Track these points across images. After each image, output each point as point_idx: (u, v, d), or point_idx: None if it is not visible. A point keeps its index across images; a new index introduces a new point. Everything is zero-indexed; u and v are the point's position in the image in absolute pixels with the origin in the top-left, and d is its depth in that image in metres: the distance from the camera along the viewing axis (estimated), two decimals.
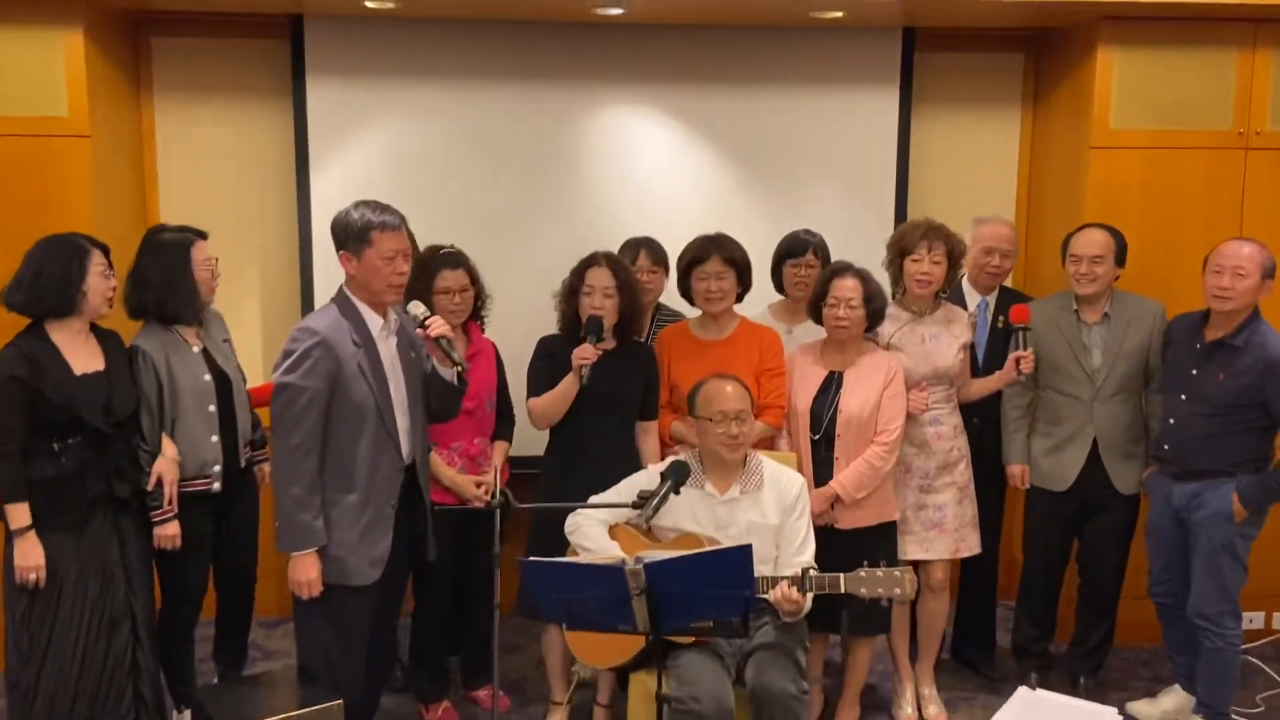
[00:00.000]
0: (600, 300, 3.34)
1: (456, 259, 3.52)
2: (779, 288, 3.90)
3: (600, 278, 3.36)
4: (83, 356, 3.03)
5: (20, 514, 2.92)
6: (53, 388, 2.93)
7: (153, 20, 4.34)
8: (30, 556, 2.93)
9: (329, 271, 3.92)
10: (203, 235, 3.38)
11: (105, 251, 3.10)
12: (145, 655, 3.14)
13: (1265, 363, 3.30)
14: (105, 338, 3.15)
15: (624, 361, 3.42)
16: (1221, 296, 3.36)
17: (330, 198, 4.13)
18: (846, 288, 3.37)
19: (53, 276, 2.97)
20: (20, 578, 2.93)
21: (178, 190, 4.44)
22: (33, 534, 2.93)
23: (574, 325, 3.42)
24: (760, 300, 3.94)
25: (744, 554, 2.42)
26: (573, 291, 3.41)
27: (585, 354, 3.26)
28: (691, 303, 3.63)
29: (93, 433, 2.99)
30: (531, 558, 2.54)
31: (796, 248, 3.82)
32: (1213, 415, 3.40)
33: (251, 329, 4.50)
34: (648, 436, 3.53)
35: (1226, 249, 3.40)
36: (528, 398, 3.45)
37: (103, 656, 3.04)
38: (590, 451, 3.38)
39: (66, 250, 3.02)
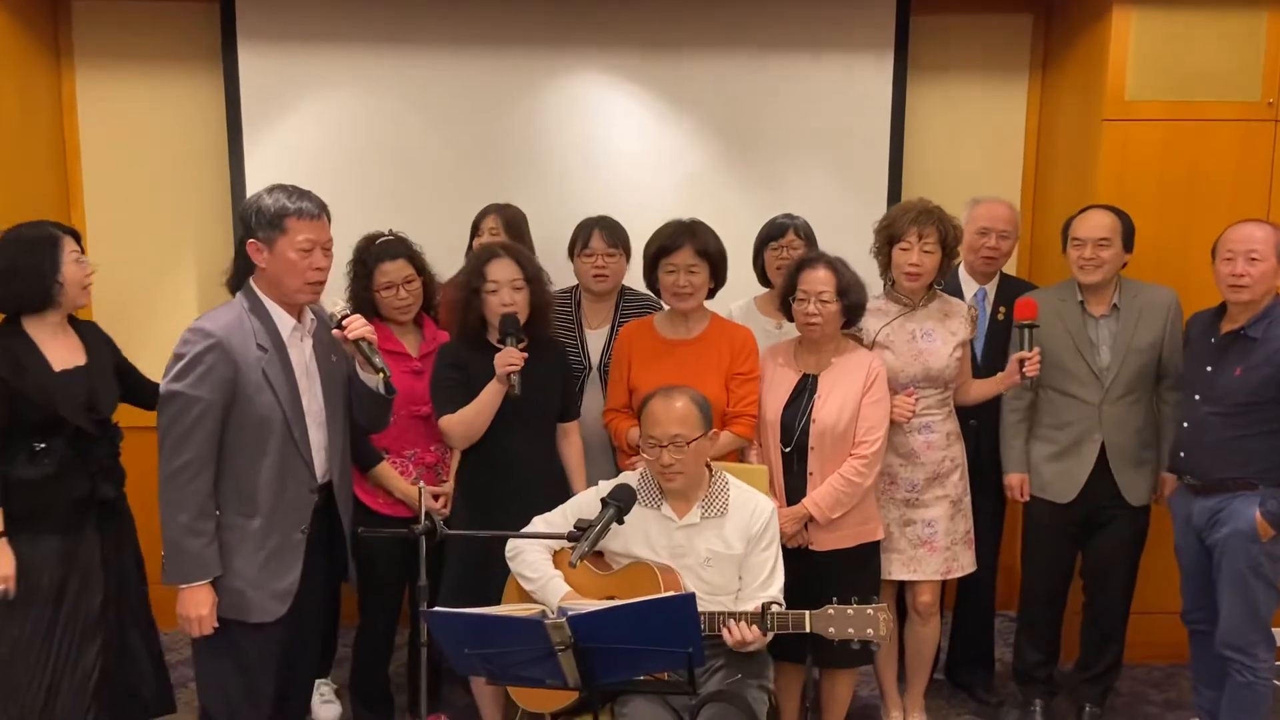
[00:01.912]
0: (509, 295, 2.98)
1: (395, 248, 3.20)
2: (761, 277, 3.59)
3: (504, 270, 3.00)
4: (61, 352, 2.92)
5: None
6: (32, 386, 2.83)
7: None
8: (2, 565, 2.81)
9: None
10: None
11: (76, 237, 2.99)
12: (139, 648, 3.05)
13: None
14: (84, 330, 3.03)
15: (537, 360, 3.04)
16: (1237, 285, 3.07)
17: (266, 174, 3.86)
18: (817, 280, 3.01)
19: (27, 270, 2.86)
20: None
21: (102, 165, 4.16)
22: (4, 541, 2.82)
23: (477, 330, 3.07)
24: (745, 291, 3.63)
25: (687, 603, 2.07)
26: (474, 291, 3.03)
27: (512, 359, 2.90)
28: (658, 295, 3.27)
29: (74, 432, 2.88)
30: (437, 608, 2.18)
31: (776, 230, 3.54)
32: (1229, 415, 3.09)
33: (187, 317, 4.16)
34: (569, 439, 3.20)
35: (1237, 233, 3.11)
36: (438, 416, 3.09)
37: (75, 662, 2.92)
38: (513, 463, 3.04)
39: (37, 241, 2.90)
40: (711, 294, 3.26)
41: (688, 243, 3.13)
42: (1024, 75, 4.35)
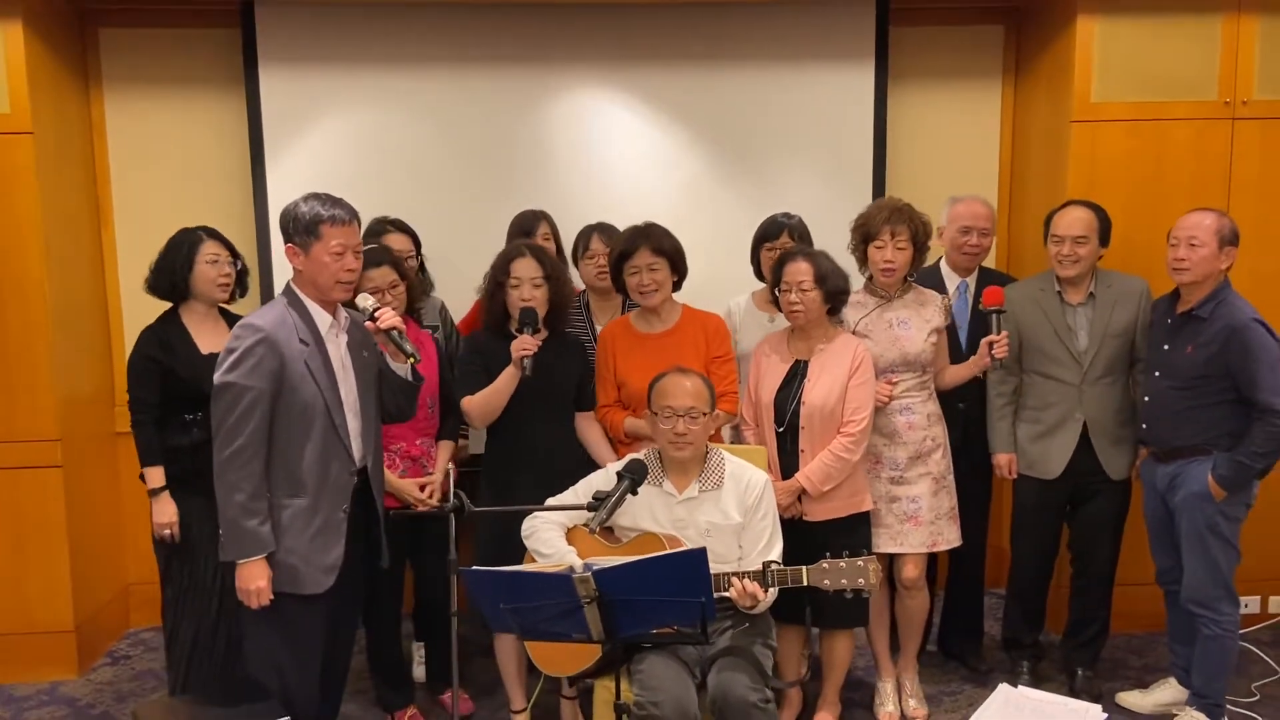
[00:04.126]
0: (529, 291, 3.24)
1: (379, 256, 3.41)
2: (759, 274, 3.79)
3: (527, 269, 3.26)
4: (210, 338, 3.28)
5: (155, 476, 3.25)
6: (182, 365, 3.22)
7: (99, 10, 4.23)
8: (164, 514, 3.24)
9: (289, 267, 3.83)
10: (388, 228, 3.80)
11: (222, 240, 3.36)
12: None
13: (1229, 330, 3.24)
14: (232, 321, 3.36)
15: (557, 353, 3.31)
16: (1177, 269, 3.33)
17: (288, 190, 4.02)
18: (796, 271, 3.26)
19: (166, 265, 3.31)
20: (156, 533, 3.26)
21: (131, 186, 4.35)
22: (166, 494, 3.25)
23: (500, 321, 3.31)
24: (745, 287, 3.84)
25: (698, 558, 2.29)
26: (498, 285, 3.29)
27: (525, 345, 3.15)
28: (627, 297, 3.50)
29: None
30: (475, 567, 2.40)
31: (773, 230, 3.74)
32: (1183, 389, 3.33)
33: None
34: (589, 426, 3.43)
35: (1184, 220, 3.36)
36: (459, 398, 3.33)
37: (236, 604, 3.20)
38: (531, 448, 3.28)
39: (180, 241, 3.33)
40: (677, 286, 3.46)
41: (644, 244, 3.35)
42: (997, 81, 4.57)
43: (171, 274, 3.30)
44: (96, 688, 3.96)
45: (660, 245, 3.36)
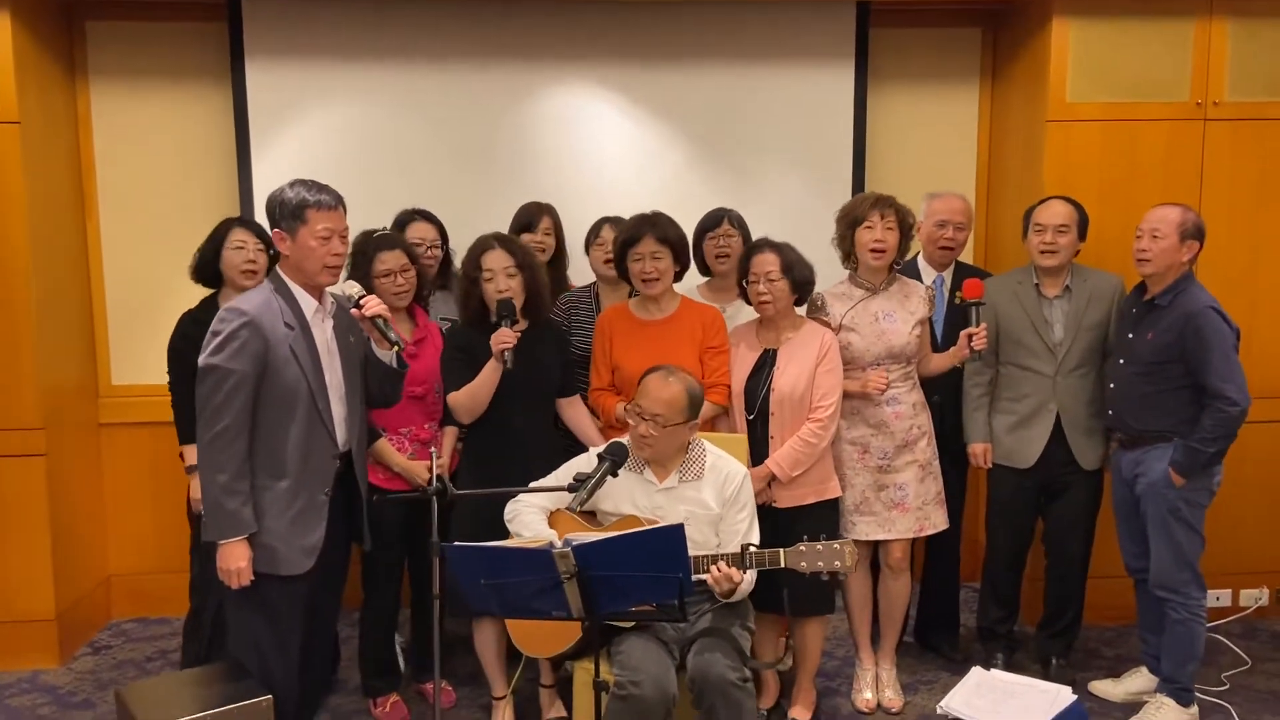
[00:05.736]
0: (504, 282, 3.27)
1: (392, 240, 3.45)
2: (702, 267, 3.84)
3: (497, 260, 3.29)
4: None
5: (192, 453, 3.32)
6: None
7: (86, 3, 4.25)
8: (198, 489, 3.18)
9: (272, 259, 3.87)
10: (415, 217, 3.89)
11: (252, 229, 3.52)
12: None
13: (1185, 317, 3.33)
14: None
15: (536, 341, 3.35)
16: (1140, 259, 3.43)
17: (273, 183, 3.88)
18: (764, 262, 3.33)
19: (202, 251, 3.52)
20: (195, 508, 3.30)
21: (117, 177, 4.36)
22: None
23: (479, 314, 3.34)
24: (692, 280, 3.85)
25: (676, 534, 2.33)
26: (473, 280, 3.32)
27: (505, 338, 3.18)
28: (630, 284, 3.55)
29: None
30: (456, 543, 2.44)
31: (711, 220, 3.80)
32: (1143, 374, 3.41)
33: None
34: (574, 410, 3.48)
35: (1150, 214, 3.46)
36: (445, 393, 3.36)
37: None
38: (514, 436, 3.31)
39: (216, 229, 3.52)
40: (678, 277, 3.52)
41: (649, 232, 3.40)
42: (975, 81, 4.65)
43: (204, 261, 3.48)
44: (78, 676, 3.97)
45: (665, 234, 3.41)
